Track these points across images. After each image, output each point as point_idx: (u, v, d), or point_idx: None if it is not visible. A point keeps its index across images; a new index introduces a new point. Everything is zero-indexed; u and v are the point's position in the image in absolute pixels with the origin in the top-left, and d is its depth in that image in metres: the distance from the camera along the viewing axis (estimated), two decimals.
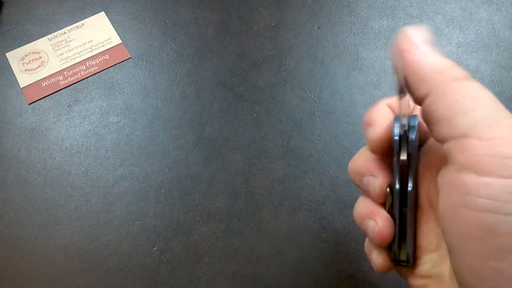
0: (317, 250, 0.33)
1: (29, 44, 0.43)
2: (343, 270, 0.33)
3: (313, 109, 0.39)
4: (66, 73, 0.42)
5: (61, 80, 0.41)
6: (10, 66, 0.42)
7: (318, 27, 0.44)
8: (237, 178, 0.36)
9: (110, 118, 0.39)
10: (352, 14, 0.44)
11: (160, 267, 0.33)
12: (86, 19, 0.45)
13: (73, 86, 0.41)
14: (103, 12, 0.45)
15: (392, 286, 0.32)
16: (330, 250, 0.33)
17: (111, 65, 0.42)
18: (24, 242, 0.34)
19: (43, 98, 0.40)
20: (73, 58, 0.43)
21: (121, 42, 0.43)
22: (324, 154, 0.37)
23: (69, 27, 0.44)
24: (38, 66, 0.42)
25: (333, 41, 0.43)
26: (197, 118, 0.39)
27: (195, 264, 0.33)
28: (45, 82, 0.41)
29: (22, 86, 0.41)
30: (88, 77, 0.41)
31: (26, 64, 0.42)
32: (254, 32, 0.44)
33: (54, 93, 0.41)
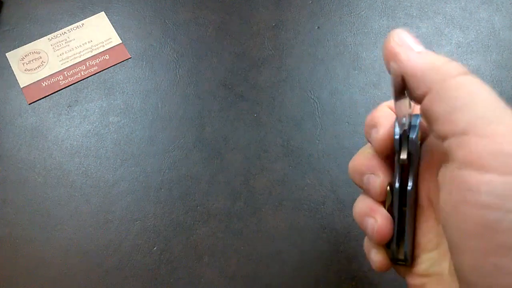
0: (317, 250, 0.33)
1: (29, 44, 0.43)
2: (343, 270, 0.33)
3: (313, 109, 0.39)
4: (66, 73, 0.42)
5: (61, 80, 0.41)
6: (10, 66, 0.42)
7: (318, 27, 0.44)
8: (237, 178, 0.36)
9: (110, 118, 0.39)
10: (352, 14, 0.45)
11: (160, 267, 0.33)
12: (86, 19, 0.45)
13: (73, 86, 0.41)
14: (103, 12, 0.45)
15: (392, 286, 0.32)
16: (330, 250, 0.33)
17: (111, 65, 0.42)
18: (24, 242, 0.34)
19: (43, 98, 0.40)
20: (73, 58, 0.43)
21: (121, 42, 0.43)
22: (324, 154, 0.37)
23: (69, 27, 0.44)
24: (38, 66, 0.42)
25: (333, 41, 0.43)
26: (197, 118, 0.39)
27: (195, 264, 0.33)
28: (45, 82, 0.41)
29: (22, 86, 0.41)
30: (88, 77, 0.41)
31: (26, 64, 0.42)
32: (254, 32, 0.44)
33: (54, 93, 0.41)
